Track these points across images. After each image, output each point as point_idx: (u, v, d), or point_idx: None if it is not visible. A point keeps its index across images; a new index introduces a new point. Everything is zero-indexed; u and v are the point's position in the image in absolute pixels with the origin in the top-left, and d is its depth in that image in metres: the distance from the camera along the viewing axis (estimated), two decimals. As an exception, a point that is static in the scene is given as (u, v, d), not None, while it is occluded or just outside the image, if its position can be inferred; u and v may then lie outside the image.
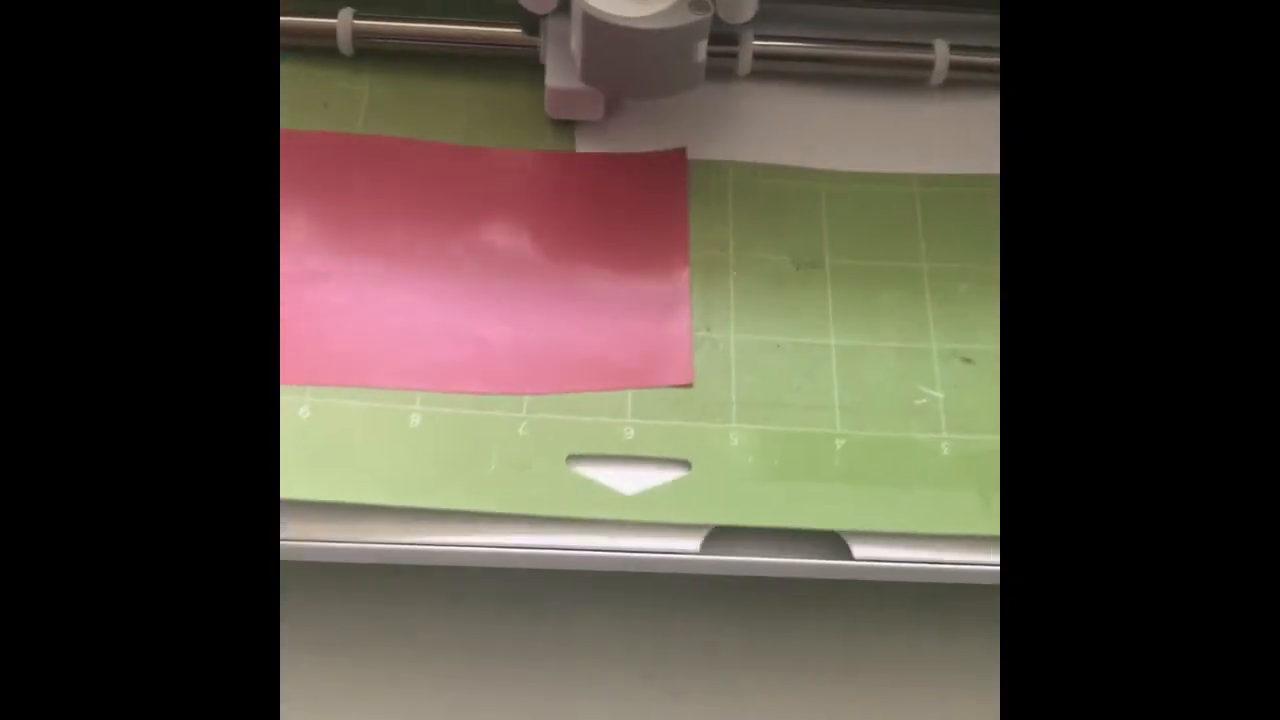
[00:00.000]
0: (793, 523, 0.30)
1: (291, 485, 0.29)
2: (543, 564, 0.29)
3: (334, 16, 0.37)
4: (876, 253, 0.35)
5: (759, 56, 0.37)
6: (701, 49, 0.33)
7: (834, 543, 0.29)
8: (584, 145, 0.36)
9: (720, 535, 0.29)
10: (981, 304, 0.34)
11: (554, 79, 0.35)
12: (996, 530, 0.29)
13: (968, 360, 0.33)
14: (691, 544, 0.29)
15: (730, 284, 0.34)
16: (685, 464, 0.31)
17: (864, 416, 0.32)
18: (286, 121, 0.36)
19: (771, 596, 0.33)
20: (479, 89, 0.37)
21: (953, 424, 0.32)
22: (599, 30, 0.32)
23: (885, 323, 0.34)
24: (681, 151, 0.36)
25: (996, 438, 0.31)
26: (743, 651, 0.32)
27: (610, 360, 0.33)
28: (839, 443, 0.32)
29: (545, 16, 0.35)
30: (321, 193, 0.35)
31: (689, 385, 0.32)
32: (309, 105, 0.36)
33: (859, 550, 0.29)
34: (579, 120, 0.36)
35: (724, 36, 0.36)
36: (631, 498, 0.30)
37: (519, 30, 0.36)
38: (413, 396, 0.32)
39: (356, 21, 0.37)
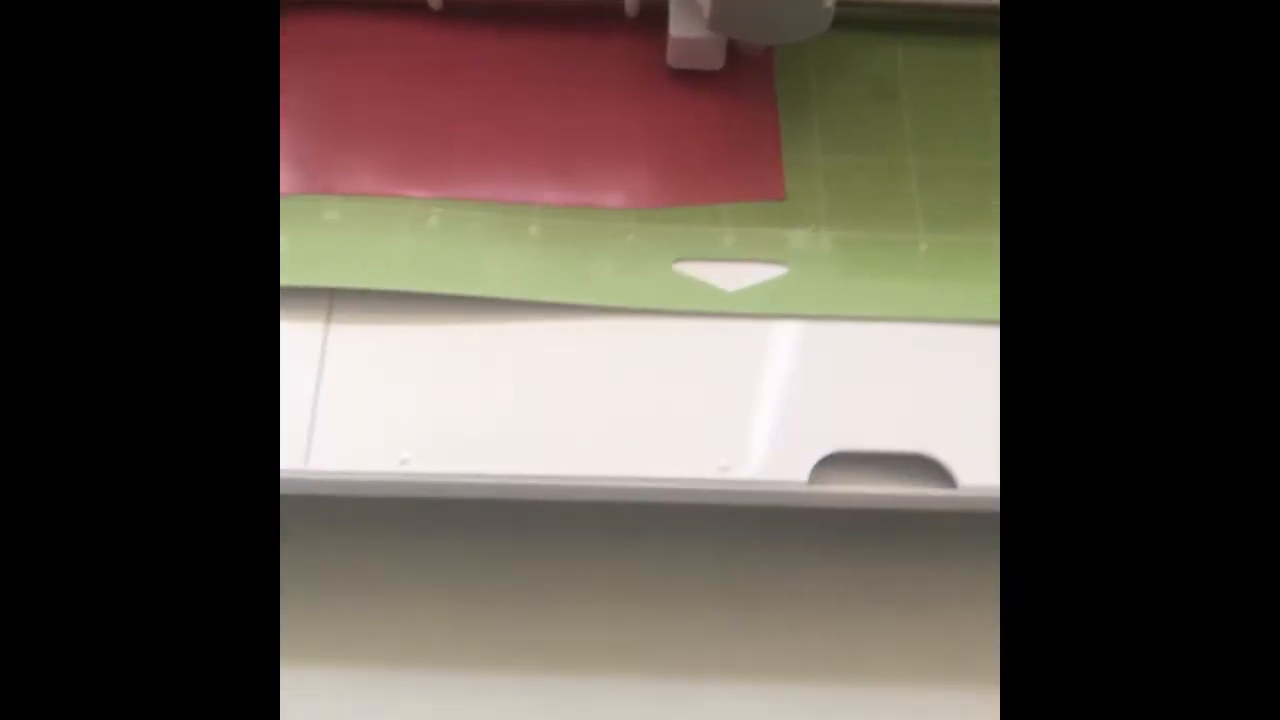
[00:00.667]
0: (877, 310, 0.34)
1: (409, 278, 0.34)
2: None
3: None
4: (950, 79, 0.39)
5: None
6: (832, -8, 0.35)
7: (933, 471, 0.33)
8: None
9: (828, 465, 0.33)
10: None
11: (678, 28, 0.37)
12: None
13: None
14: (799, 474, 0.32)
15: (815, 114, 0.39)
16: (782, 266, 0.35)
17: (945, 222, 0.36)
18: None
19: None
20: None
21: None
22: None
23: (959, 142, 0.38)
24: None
25: None
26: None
27: (710, 177, 0.37)
28: (922, 246, 0.36)
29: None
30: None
31: (782, 199, 0.37)
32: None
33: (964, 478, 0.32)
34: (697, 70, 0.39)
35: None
36: (732, 294, 0.35)
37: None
38: (530, 208, 0.36)
39: None
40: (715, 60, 0.38)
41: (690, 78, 0.39)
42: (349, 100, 0.38)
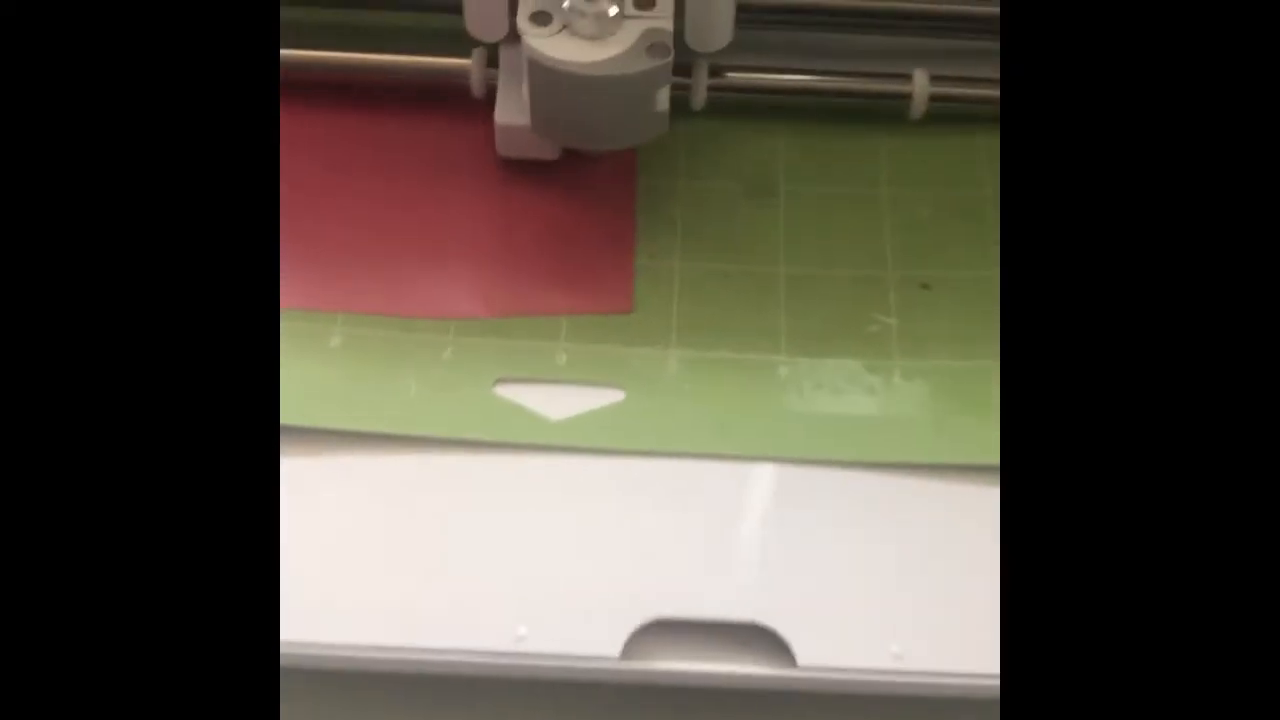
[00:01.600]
0: (727, 449, 0.29)
1: None
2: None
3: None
4: (833, 177, 0.34)
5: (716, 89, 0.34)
6: (664, 96, 0.30)
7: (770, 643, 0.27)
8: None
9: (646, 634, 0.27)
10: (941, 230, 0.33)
11: (504, 114, 0.32)
12: (946, 457, 0.29)
13: (925, 286, 0.32)
14: (610, 647, 0.27)
15: (678, 212, 0.34)
16: (619, 390, 0.30)
17: (811, 343, 0.31)
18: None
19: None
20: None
21: (905, 350, 0.31)
22: (548, 77, 0.29)
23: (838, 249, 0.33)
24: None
25: (952, 363, 0.31)
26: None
27: (547, 284, 0.32)
28: (782, 370, 0.30)
29: (497, 45, 0.33)
30: None
31: (628, 312, 0.31)
32: None
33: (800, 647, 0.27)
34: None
35: (682, 68, 0.34)
36: (560, 423, 0.29)
37: (463, 60, 0.34)
38: (333, 318, 0.31)
39: (287, 52, 0.34)
40: (548, 150, 0.33)
41: (538, 168, 0.34)
42: None
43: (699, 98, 0.34)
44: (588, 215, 0.33)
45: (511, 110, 0.32)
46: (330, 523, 0.28)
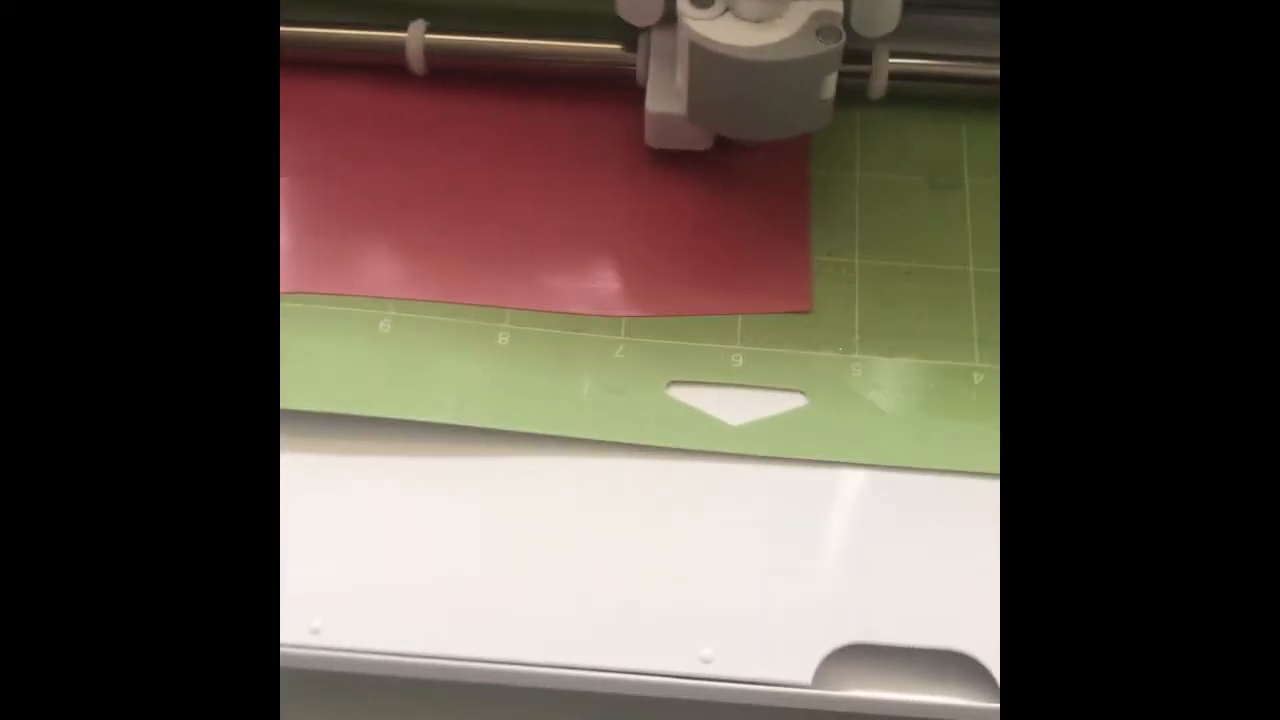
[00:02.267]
0: (923, 462, 0.27)
1: (369, 402, 0.28)
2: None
3: (403, 30, 0.33)
4: None
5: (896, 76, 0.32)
6: (831, 83, 0.28)
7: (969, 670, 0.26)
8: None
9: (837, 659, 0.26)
10: None
11: (655, 102, 0.31)
12: None
13: None
14: (801, 673, 0.25)
15: (856, 205, 0.32)
16: (800, 395, 0.28)
17: None
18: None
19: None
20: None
21: None
22: (709, 62, 0.28)
23: None
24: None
25: None
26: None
27: (720, 282, 0.30)
28: (977, 377, 0.28)
29: (647, 30, 0.31)
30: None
31: (807, 311, 0.30)
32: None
33: None
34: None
35: (856, 55, 0.32)
36: (738, 429, 0.28)
37: (618, 47, 0.32)
38: (501, 314, 0.30)
39: (430, 36, 0.33)
40: (701, 140, 0.31)
41: (705, 158, 0.32)
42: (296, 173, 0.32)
43: (879, 84, 0.32)
44: (760, 208, 0.32)
45: (664, 98, 0.30)
46: (506, 527, 0.27)
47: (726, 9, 0.28)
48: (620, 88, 0.32)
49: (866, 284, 0.30)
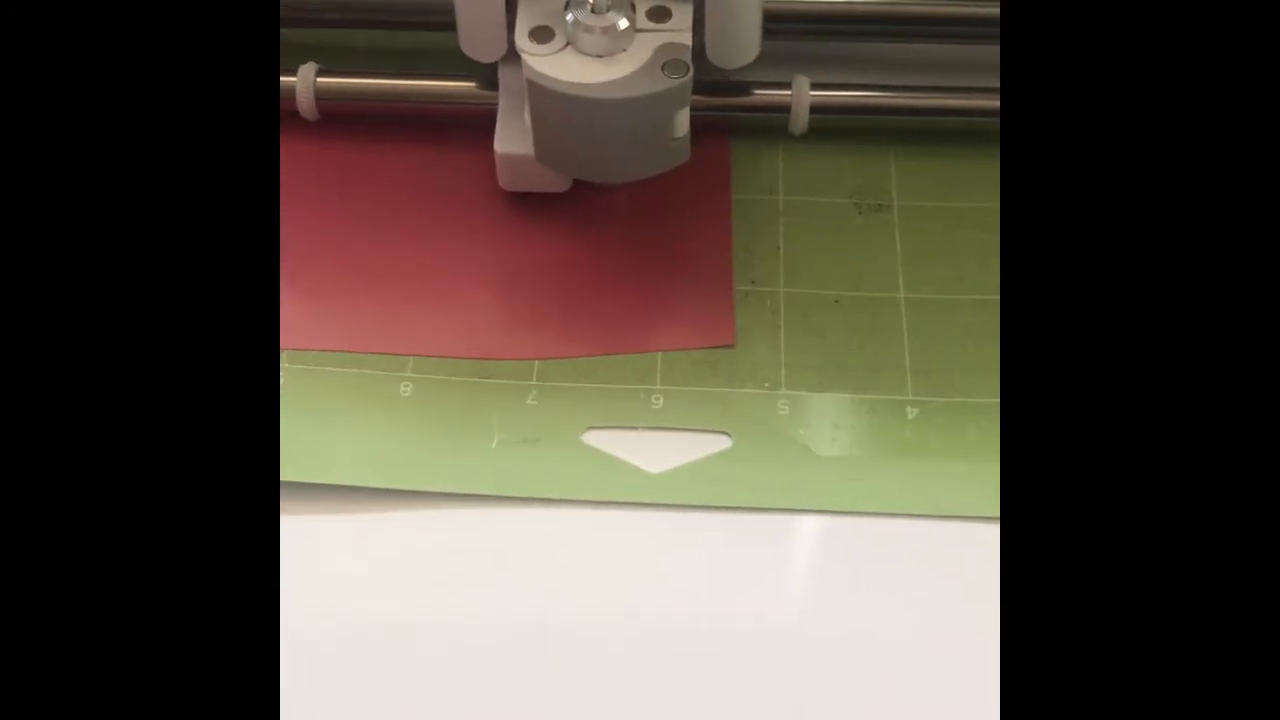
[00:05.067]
0: (857, 506, 0.25)
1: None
2: None
3: (293, 74, 0.30)
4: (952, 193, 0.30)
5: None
6: (684, 120, 0.26)
7: None
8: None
9: None
10: None
11: (504, 143, 0.28)
12: None
13: None
14: None
15: (779, 231, 0.29)
16: (725, 436, 0.26)
17: (939, 378, 0.27)
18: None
19: None
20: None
21: None
22: (550, 100, 0.25)
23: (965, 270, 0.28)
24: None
25: None
26: None
27: (637, 319, 0.28)
28: (911, 411, 0.27)
29: (496, 64, 0.29)
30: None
31: (729, 346, 0.28)
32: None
33: None
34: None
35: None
36: (659, 477, 0.26)
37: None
38: (404, 362, 0.28)
39: (321, 80, 0.30)
40: (556, 182, 0.29)
41: (626, 187, 0.30)
42: None
43: (800, 122, 0.30)
44: (678, 238, 0.29)
45: (514, 139, 0.28)
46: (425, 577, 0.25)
47: (568, 43, 0.26)
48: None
49: (791, 314, 0.28)
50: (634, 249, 0.29)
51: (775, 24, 0.29)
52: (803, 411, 0.27)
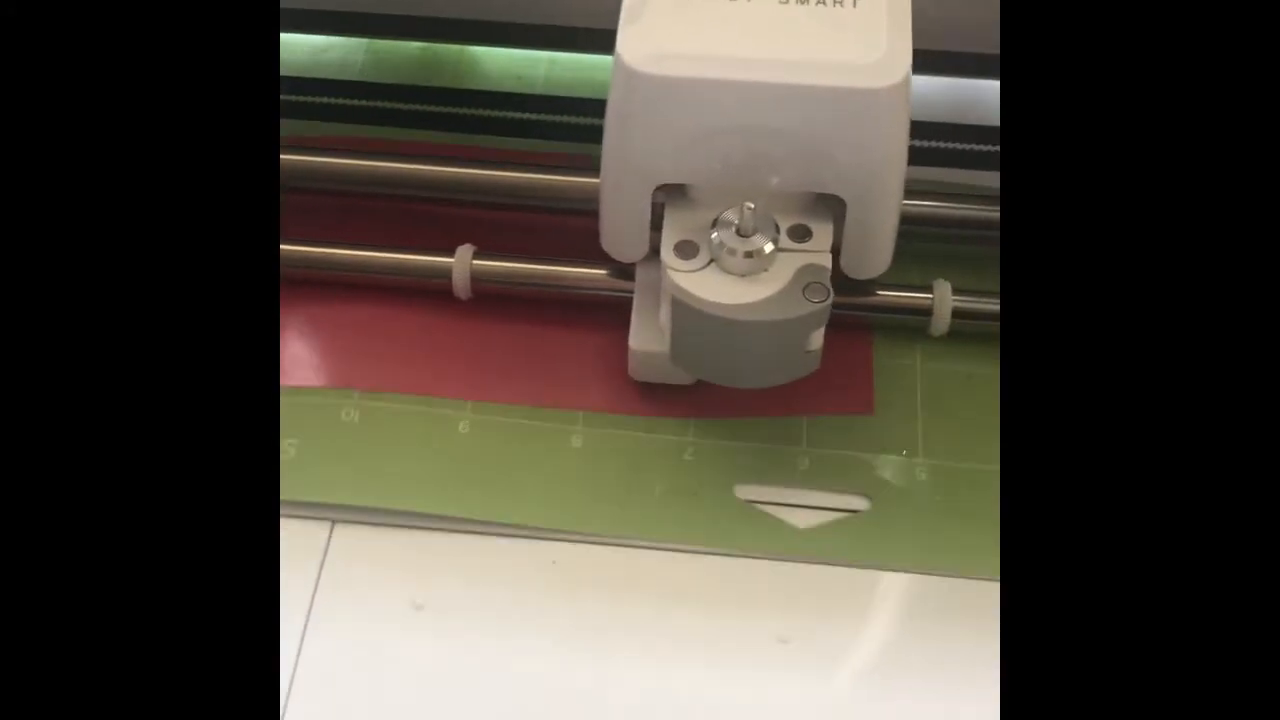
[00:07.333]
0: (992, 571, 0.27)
1: (427, 498, 0.29)
2: None
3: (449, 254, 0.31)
4: None
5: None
6: (818, 337, 0.27)
7: None
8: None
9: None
10: None
11: (639, 340, 0.30)
12: None
13: None
14: None
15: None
16: (865, 498, 0.29)
17: None
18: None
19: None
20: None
21: None
22: (693, 316, 0.27)
23: None
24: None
25: None
26: None
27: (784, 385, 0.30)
28: None
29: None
30: None
31: (869, 413, 0.30)
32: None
33: None
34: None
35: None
36: (804, 532, 0.28)
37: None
38: (575, 417, 0.30)
39: (478, 263, 0.31)
40: (686, 376, 0.30)
41: None
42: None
43: (941, 324, 0.31)
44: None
45: (648, 336, 0.29)
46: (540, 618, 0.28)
47: (711, 260, 0.26)
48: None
49: (930, 387, 0.30)
50: None
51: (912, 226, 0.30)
52: (939, 478, 0.29)
